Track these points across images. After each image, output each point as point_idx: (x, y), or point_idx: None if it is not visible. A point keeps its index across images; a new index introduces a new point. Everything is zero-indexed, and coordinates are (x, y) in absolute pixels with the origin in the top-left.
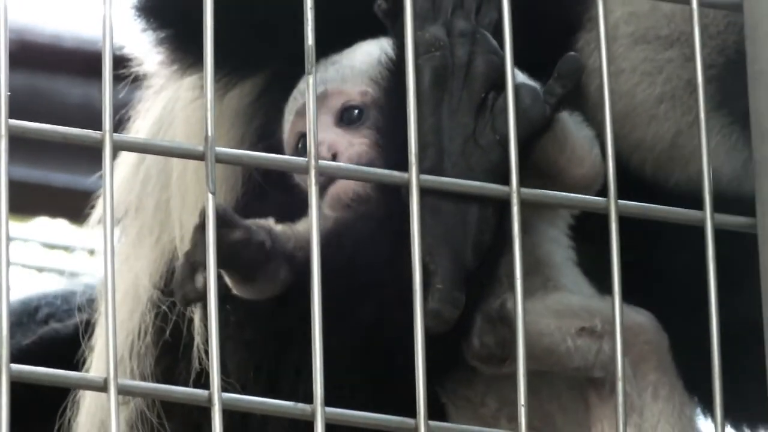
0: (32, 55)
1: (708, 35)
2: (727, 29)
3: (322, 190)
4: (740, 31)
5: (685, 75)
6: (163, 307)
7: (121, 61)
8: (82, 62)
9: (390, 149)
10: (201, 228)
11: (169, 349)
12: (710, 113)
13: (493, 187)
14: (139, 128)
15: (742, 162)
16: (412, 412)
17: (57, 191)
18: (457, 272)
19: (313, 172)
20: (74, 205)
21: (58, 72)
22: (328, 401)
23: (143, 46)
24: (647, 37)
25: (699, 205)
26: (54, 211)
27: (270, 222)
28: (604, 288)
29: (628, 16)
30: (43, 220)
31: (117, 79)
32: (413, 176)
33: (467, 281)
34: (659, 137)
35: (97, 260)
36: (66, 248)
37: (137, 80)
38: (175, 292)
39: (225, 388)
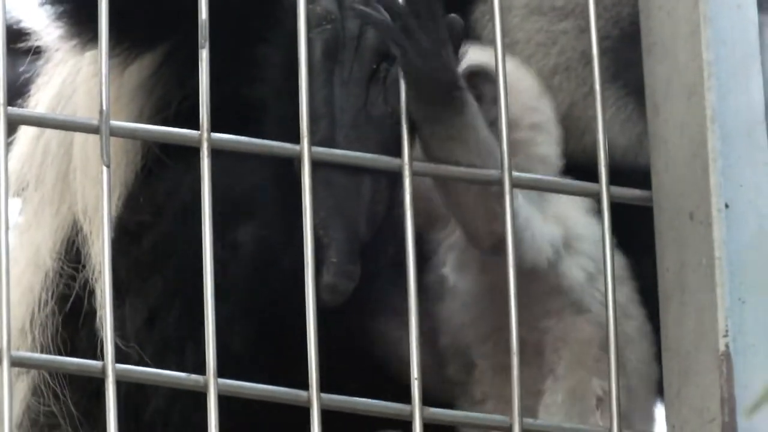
0: None
1: (603, 7)
2: (621, 1)
3: None
4: (635, 3)
5: (580, 47)
6: (65, 278)
7: (19, 35)
8: None
9: (283, 122)
10: None
11: (71, 319)
12: (605, 85)
13: (385, 159)
14: (39, 101)
15: (637, 134)
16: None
17: None
18: (351, 245)
19: (205, 145)
20: None
21: None
22: (226, 374)
23: (42, 20)
24: (542, 8)
25: (595, 177)
26: None
27: None
28: None
29: None
30: None
31: (15, 52)
32: (305, 148)
33: (361, 253)
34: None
35: None
36: None
37: (37, 53)
38: None
39: (126, 357)
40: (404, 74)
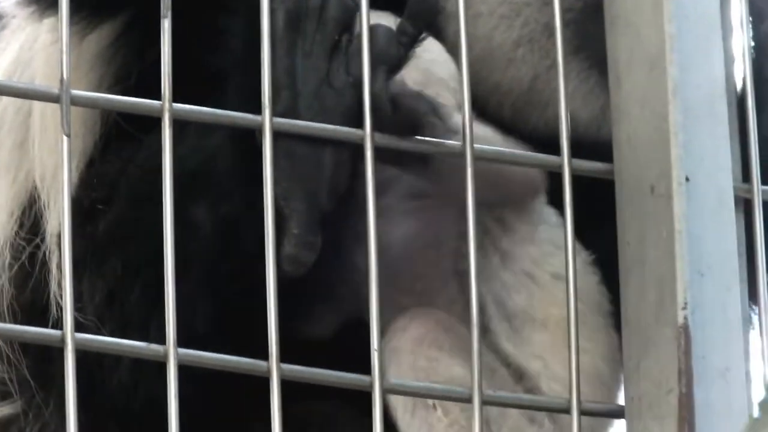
0: None
1: None
2: None
3: None
4: None
5: (543, 19)
6: (21, 246)
7: None
8: None
9: (245, 93)
10: None
11: (27, 288)
12: (568, 57)
13: (347, 131)
14: None
15: (600, 106)
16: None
17: None
18: (312, 216)
19: (167, 115)
20: None
21: None
22: (183, 341)
23: None
24: None
25: (558, 150)
26: None
27: None
28: None
29: None
30: None
31: None
32: (266, 119)
33: (323, 224)
34: (517, 81)
35: None
36: None
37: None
38: None
39: (83, 326)
40: None
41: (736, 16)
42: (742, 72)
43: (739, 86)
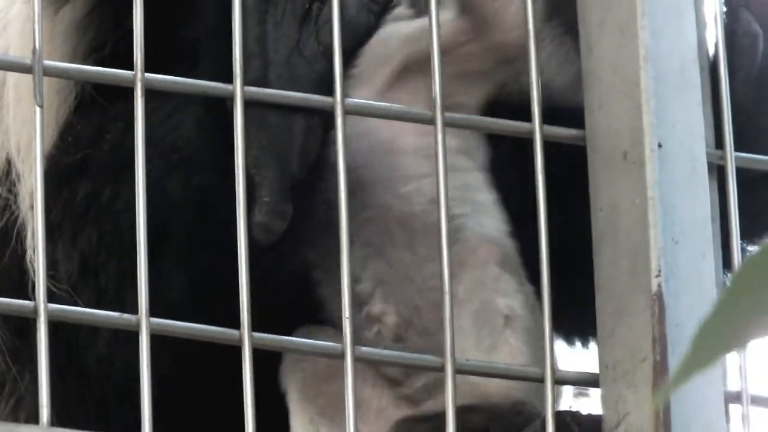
0: None
1: None
2: None
3: None
4: None
5: None
6: None
7: None
8: None
9: (216, 62)
10: None
11: (5, 256)
12: (541, 24)
13: (318, 98)
14: None
15: (574, 73)
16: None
17: None
18: (283, 184)
19: (139, 85)
20: None
21: None
22: (158, 313)
23: None
24: None
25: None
26: None
27: None
28: None
29: None
30: None
31: None
32: (237, 88)
33: (294, 192)
34: None
35: None
36: None
37: None
38: None
39: (58, 297)
40: None
41: None
42: (715, 38)
43: (711, 52)
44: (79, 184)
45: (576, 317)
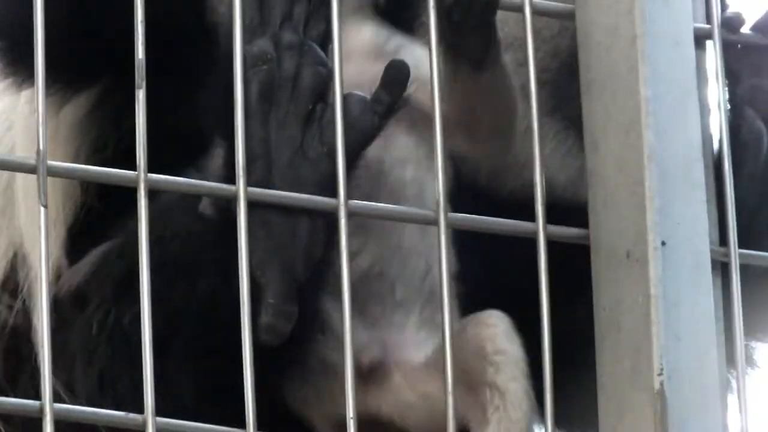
0: None
1: (541, 39)
2: (560, 33)
3: None
4: (574, 35)
5: (519, 80)
6: (3, 313)
7: None
8: None
9: (220, 162)
10: None
11: (11, 354)
12: (544, 119)
13: (322, 200)
14: None
15: (577, 168)
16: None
17: None
18: (288, 286)
19: (142, 186)
20: None
21: None
22: (165, 413)
23: None
24: None
25: (534, 213)
26: None
27: None
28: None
29: None
30: None
31: None
32: (241, 189)
33: (299, 294)
34: None
35: None
36: None
37: None
38: None
39: (63, 396)
40: None
41: (713, 78)
42: (719, 135)
43: (715, 149)
44: (88, 305)
45: (578, 414)
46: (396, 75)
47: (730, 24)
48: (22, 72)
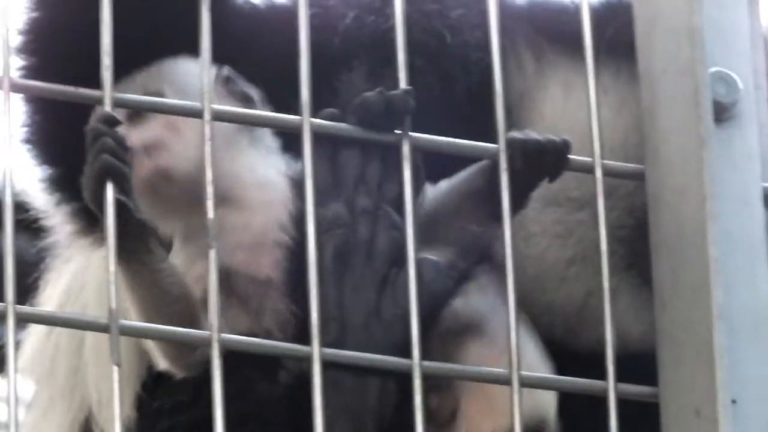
0: None
1: (618, 196)
2: (636, 190)
3: None
4: None
5: (596, 236)
6: None
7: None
8: None
9: (295, 323)
10: None
11: None
12: (620, 274)
13: (395, 361)
14: (48, 298)
15: (650, 323)
16: None
17: None
18: None
19: (215, 346)
20: None
21: None
22: None
23: (55, 215)
24: (558, 199)
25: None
26: None
27: None
28: None
29: None
30: None
31: (28, 229)
32: (315, 350)
33: None
34: (570, 299)
35: None
36: None
37: (41, 230)
38: None
39: None
40: None
41: None
42: None
43: None
44: None
45: None
46: (474, 242)
47: None
48: (98, 233)
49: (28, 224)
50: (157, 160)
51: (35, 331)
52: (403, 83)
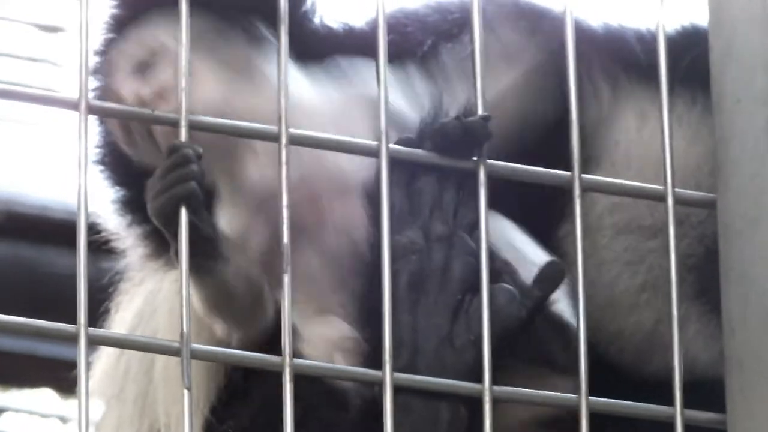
0: (20, 225)
1: (689, 225)
2: (707, 219)
3: None
4: None
5: (667, 264)
6: None
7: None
8: (69, 233)
9: (367, 347)
10: None
11: None
12: (690, 302)
13: (465, 385)
14: (120, 321)
15: (719, 351)
16: None
17: (43, 362)
18: None
19: (287, 371)
20: (61, 376)
21: (46, 243)
22: None
23: (126, 238)
24: (630, 227)
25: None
26: (40, 382)
27: None
28: None
29: (611, 206)
30: (39, 390)
31: (100, 250)
32: (387, 374)
33: None
34: (639, 326)
35: None
36: (61, 418)
37: (120, 254)
38: None
39: None
40: None
41: None
42: None
43: None
44: None
45: None
46: (551, 274)
47: None
48: (168, 256)
49: (100, 246)
50: (172, 106)
51: (106, 353)
52: (480, 110)
